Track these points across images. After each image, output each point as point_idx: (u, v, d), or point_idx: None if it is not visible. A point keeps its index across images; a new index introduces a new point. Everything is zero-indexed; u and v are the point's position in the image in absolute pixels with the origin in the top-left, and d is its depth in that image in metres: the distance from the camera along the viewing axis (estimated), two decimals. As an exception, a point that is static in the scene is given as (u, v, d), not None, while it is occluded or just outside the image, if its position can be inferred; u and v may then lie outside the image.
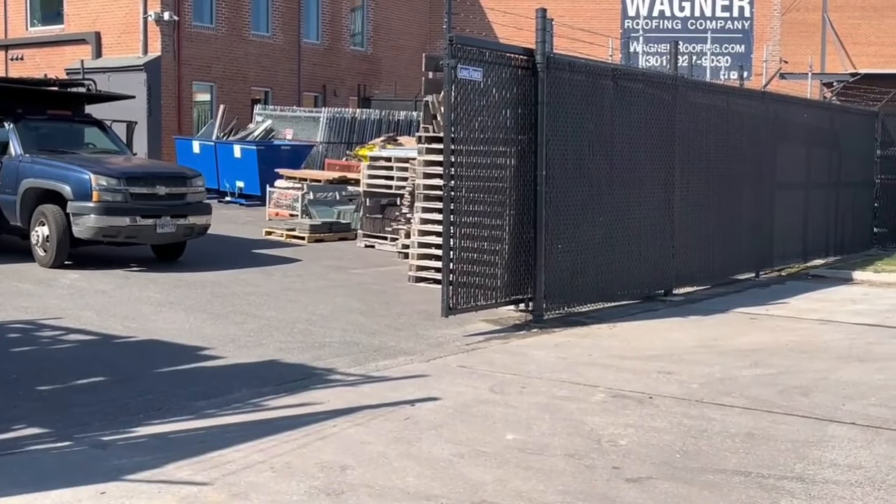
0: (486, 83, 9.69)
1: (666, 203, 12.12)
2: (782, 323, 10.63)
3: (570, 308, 10.72)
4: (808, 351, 9.00)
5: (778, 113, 14.86)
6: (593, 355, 8.58)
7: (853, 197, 17.93)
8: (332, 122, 24.63)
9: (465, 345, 8.89)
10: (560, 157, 10.30)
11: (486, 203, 9.87)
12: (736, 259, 13.97)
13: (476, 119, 9.68)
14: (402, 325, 9.83)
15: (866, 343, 9.49)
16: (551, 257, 10.23)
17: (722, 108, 13.38)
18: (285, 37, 29.73)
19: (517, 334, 9.52)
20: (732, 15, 35.81)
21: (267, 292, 11.60)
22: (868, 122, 18.81)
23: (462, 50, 9.29)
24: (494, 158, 9.95)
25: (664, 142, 12.03)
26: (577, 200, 10.60)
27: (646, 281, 11.96)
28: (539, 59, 9.96)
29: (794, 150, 15.50)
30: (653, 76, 12.27)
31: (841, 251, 17.29)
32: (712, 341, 9.43)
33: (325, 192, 19.11)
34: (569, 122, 10.41)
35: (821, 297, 12.70)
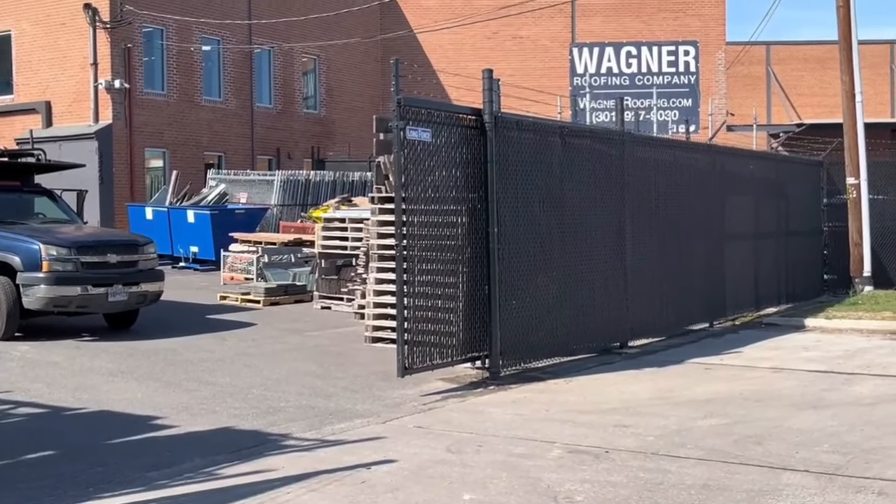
0: (436, 143, 9.79)
1: (618, 256, 12.24)
2: (737, 372, 10.72)
3: (527, 364, 10.73)
4: (762, 399, 9.07)
5: (724, 165, 15.13)
6: (550, 411, 8.58)
7: (803, 245, 18.23)
8: (286, 184, 24.67)
9: (421, 405, 8.86)
10: (511, 214, 10.39)
11: (439, 261, 9.91)
12: (690, 310, 14.10)
13: (427, 178, 9.76)
14: (358, 386, 9.77)
15: (819, 390, 9.59)
16: (506, 314, 10.26)
17: (669, 161, 13.60)
18: (238, 101, 29.85)
19: (474, 392, 9.50)
20: (679, 70, 36.50)
21: (221, 358, 11.49)
22: (813, 171, 19.20)
23: (411, 111, 9.40)
24: (447, 217, 10.01)
25: (614, 196, 12.19)
26: (530, 256, 10.68)
27: (601, 334, 12.02)
28: (487, 118, 10.09)
29: (742, 200, 15.77)
30: (599, 132, 12.47)
31: (793, 299, 17.51)
32: (668, 392, 9.48)
33: (280, 254, 19.07)
34: (518, 180, 10.52)
35: (774, 346, 12.83)
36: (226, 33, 29.01)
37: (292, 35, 30.62)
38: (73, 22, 26.57)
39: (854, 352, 12.21)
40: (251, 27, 29.60)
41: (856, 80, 17.46)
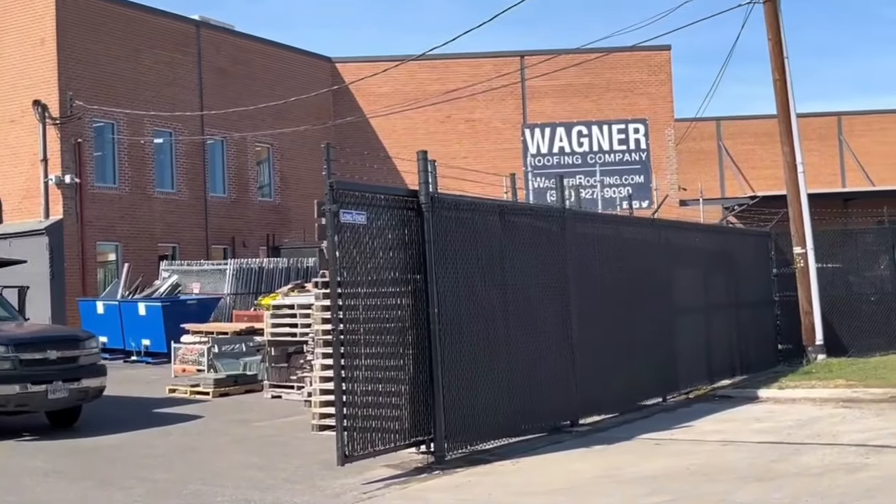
0: (374, 226, 9.75)
1: (564, 333, 12.16)
2: (686, 447, 10.59)
3: (474, 446, 10.54)
4: (709, 474, 8.94)
5: (670, 238, 15.21)
6: (493, 494, 8.38)
7: (755, 315, 18.28)
8: (239, 272, 24.50)
9: (362, 493, 8.63)
10: (452, 295, 10.31)
11: (382, 344, 9.79)
12: (641, 385, 14.00)
13: (366, 261, 9.69)
14: (299, 477, 9.51)
15: (767, 461, 9.47)
16: (450, 396, 10.11)
17: (613, 236, 13.64)
18: (191, 192, 29.78)
19: (418, 478, 9.29)
20: (629, 147, 37.05)
21: (163, 453, 11.19)
22: (762, 241, 19.38)
23: (344, 195, 9.36)
24: (389, 299, 9.93)
25: (557, 273, 12.16)
26: (473, 336, 10.57)
27: (550, 413, 11.87)
28: (423, 199, 10.08)
29: (690, 273, 15.82)
30: (539, 210, 12.52)
31: (748, 370, 17.47)
32: (615, 470, 9.32)
33: (231, 344, 18.80)
34: (458, 260, 10.47)
35: (726, 418, 12.73)
36: (177, 125, 29.07)
37: (244, 125, 30.76)
38: (22, 118, 26.52)
39: (805, 421, 12.14)
40: (203, 118, 29.68)
41: (796, 150, 17.74)
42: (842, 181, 46.76)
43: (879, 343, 19.90)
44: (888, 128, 45.56)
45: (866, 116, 46.71)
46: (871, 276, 21.02)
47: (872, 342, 19.85)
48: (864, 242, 21.33)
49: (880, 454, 9.60)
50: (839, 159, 47.50)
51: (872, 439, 10.48)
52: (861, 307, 20.44)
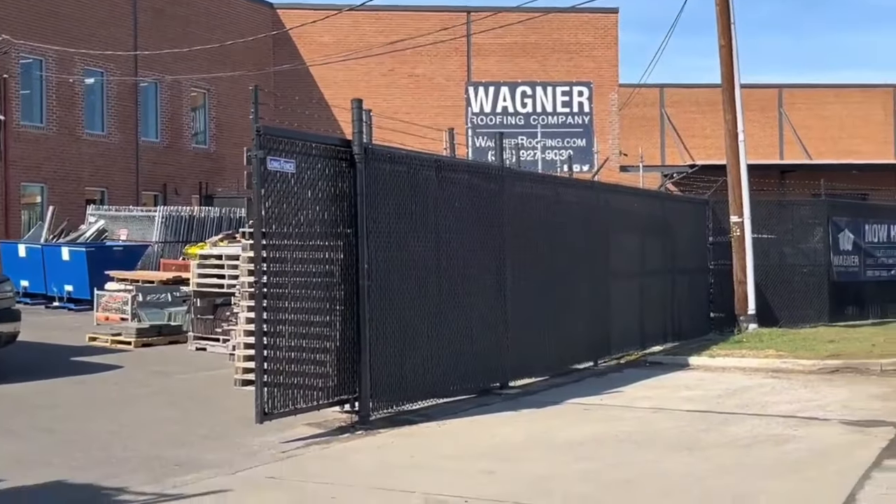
0: (306, 176, 9.34)
1: (498, 294, 11.91)
2: (615, 412, 10.43)
3: (401, 406, 10.26)
4: (638, 441, 8.77)
5: (609, 202, 15.01)
6: (416, 457, 8.12)
7: (689, 283, 18.24)
8: (168, 220, 23.82)
9: (281, 452, 8.30)
10: (383, 250, 9.96)
11: (311, 299, 9.42)
12: (574, 348, 13.85)
13: (297, 212, 9.29)
14: (217, 433, 9.15)
15: (696, 431, 9.34)
16: (377, 354, 9.79)
17: (552, 198, 13.39)
18: (122, 135, 28.88)
19: (340, 438, 8.98)
20: (573, 110, 36.90)
21: (75, 403, 10.73)
22: (699, 209, 19.30)
23: (272, 141, 8.92)
24: (317, 253, 9.54)
25: (494, 232, 11.88)
26: (405, 294, 10.25)
27: (480, 374, 11.64)
28: (356, 149, 9.67)
29: (627, 238, 15.67)
30: (477, 167, 12.19)
31: (680, 337, 17.45)
32: (543, 435, 9.11)
33: (156, 293, 18.25)
34: (392, 214, 10.11)
35: (656, 385, 12.63)
36: (110, 65, 28.10)
37: (180, 68, 29.86)
38: (-55, 50, 25.41)
39: (735, 390, 12.07)
40: (137, 59, 28.73)
41: (738, 119, 17.65)
42: (780, 153, 47.18)
43: (810, 314, 20.07)
44: (828, 102, 45.97)
45: (806, 90, 47.06)
46: (805, 247, 21.15)
47: (803, 313, 20.01)
48: (800, 214, 21.43)
49: (808, 426, 9.53)
50: (778, 131, 47.86)
51: (800, 411, 10.43)
52: (794, 278, 20.58)
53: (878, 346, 15.80)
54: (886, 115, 45.09)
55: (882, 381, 12.76)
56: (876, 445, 8.47)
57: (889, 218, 22.72)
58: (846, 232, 21.20)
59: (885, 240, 22.35)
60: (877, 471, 7.52)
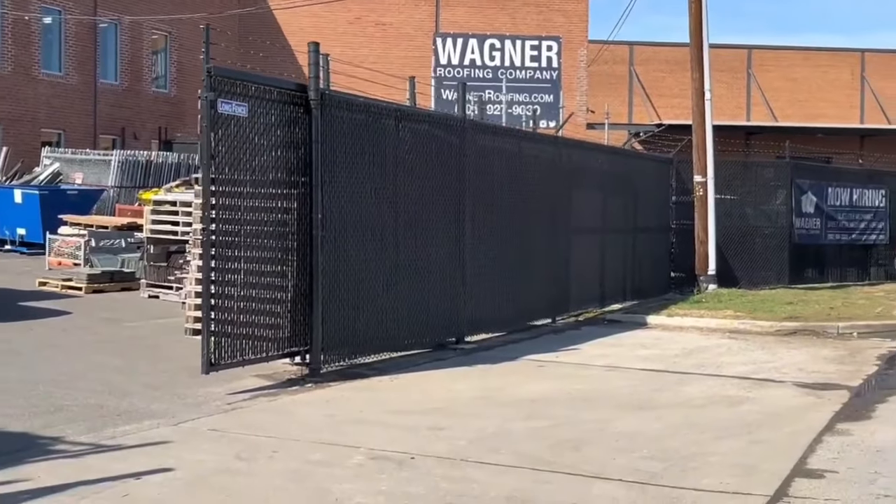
0: (261, 121, 9.04)
1: (456, 248, 11.72)
2: (570, 370, 10.33)
3: (354, 359, 10.09)
4: (591, 399, 8.67)
5: (572, 158, 14.82)
6: (365, 411, 7.95)
7: (651, 242, 18.15)
8: (124, 165, 23.31)
9: (226, 404, 8.09)
10: (338, 200, 9.72)
11: (262, 248, 9.18)
12: (532, 304, 13.72)
13: (250, 159, 9.01)
14: (162, 383, 8.92)
15: (650, 390, 9.26)
16: (331, 306, 9.58)
17: (514, 152, 13.17)
18: (80, 77, 28.16)
19: (289, 390, 8.79)
20: (541, 65, 36.48)
21: (18, 349, 10.44)
22: (663, 168, 19.18)
23: (224, 83, 8.61)
24: (271, 201, 9.28)
25: (453, 185, 11.66)
26: (360, 245, 10.03)
27: (437, 329, 11.48)
28: (312, 95, 9.38)
29: (589, 194, 15.50)
30: (439, 118, 11.92)
31: (640, 295, 17.39)
32: (495, 391, 8.98)
33: (109, 239, 17.88)
34: (348, 163, 9.85)
35: (613, 343, 12.55)
36: (68, 3, 27.32)
37: (140, 9, 29.11)
38: None
39: (692, 350, 12.03)
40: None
41: (706, 77, 17.47)
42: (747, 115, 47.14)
43: (770, 276, 20.09)
44: (797, 65, 45.85)
45: (776, 52, 46.87)
46: (768, 209, 21.11)
47: (763, 275, 20.02)
48: (764, 176, 21.38)
49: (761, 388, 9.48)
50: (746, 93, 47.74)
51: (755, 372, 10.39)
52: (755, 240, 20.55)
53: (837, 309, 15.84)
54: (854, 79, 45.08)
55: (838, 344, 12.77)
56: (828, 409, 8.43)
57: (852, 182, 22.74)
58: (809, 194, 21.19)
59: (848, 203, 22.38)
60: (828, 434, 7.46)
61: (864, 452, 6.89)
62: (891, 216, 23.04)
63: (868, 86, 43.23)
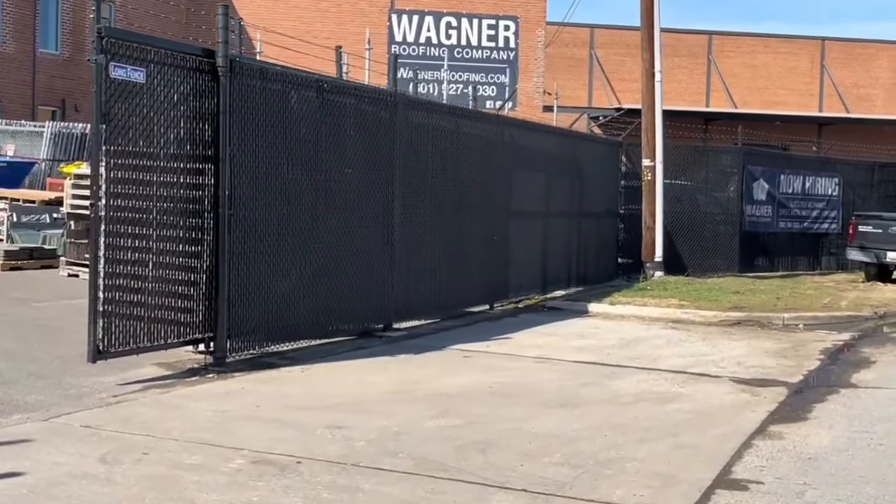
0: (164, 88, 8.33)
1: (384, 230, 11.09)
2: (497, 361, 9.75)
3: (266, 348, 9.44)
4: (512, 395, 8.09)
5: (514, 138, 14.22)
6: (262, 406, 7.31)
7: (597, 227, 17.63)
8: (57, 137, 22.33)
9: (112, 396, 7.42)
10: (250, 177, 9.03)
11: (159, 226, 8.47)
12: (468, 290, 13.14)
13: (151, 129, 8.30)
14: (51, 371, 8.22)
15: (578, 384, 8.70)
16: (239, 290, 8.92)
17: (450, 130, 12.53)
18: (17, 45, 27.07)
19: (188, 381, 8.13)
20: (498, 45, 35.86)
21: None
22: (612, 151, 18.65)
23: (119, 45, 7.89)
24: (172, 176, 8.57)
25: (382, 162, 11.02)
26: (274, 225, 9.36)
27: (362, 315, 10.86)
28: (220, 61, 8.67)
29: (532, 177, 14.92)
30: (367, 91, 11.23)
31: (584, 282, 16.88)
32: (411, 385, 8.38)
33: (34, 214, 17.04)
34: (262, 137, 9.16)
35: (549, 332, 12.00)
36: (5, -33, 26.24)
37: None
38: None
39: (629, 341, 11.51)
40: (35, -38, 26.89)
41: (656, 58, 16.93)
42: (706, 101, 46.79)
43: (719, 264, 19.67)
44: (757, 51, 45.56)
45: (737, 38, 46.50)
46: (720, 196, 20.68)
47: (712, 262, 19.60)
48: (716, 161, 20.94)
49: (696, 383, 8.96)
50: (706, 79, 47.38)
51: (692, 366, 9.88)
52: (705, 227, 20.12)
53: (783, 299, 15.43)
54: (813, 67, 44.87)
55: (782, 336, 12.32)
56: (763, 408, 7.92)
57: (805, 169, 22.37)
58: (761, 181, 20.78)
59: (800, 191, 22.02)
60: (760, 438, 6.94)
61: (794, 460, 6.37)
62: (843, 205, 22.72)
63: (827, 74, 43.05)
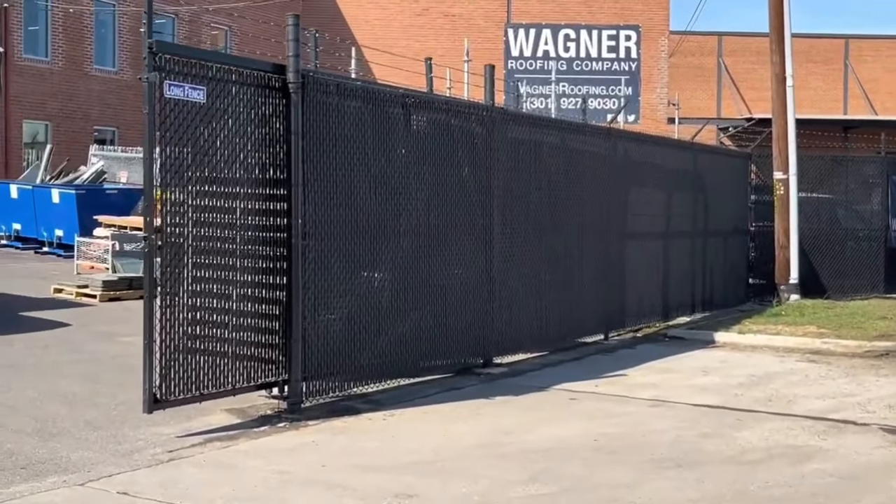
0: (227, 108, 7.61)
1: (483, 257, 10.14)
2: (606, 405, 8.65)
3: (350, 390, 8.61)
4: (618, 451, 6.99)
5: (628, 152, 13.08)
6: (328, 466, 6.43)
7: (724, 247, 16.25)
8: (168, 163, 22.20)
9: (166, 452, 6.67)
10: (326, 204, 8.23)
11: (227, 257, 7.76)
12: (579, 320, 12.06)
13: (214, 153, 7.59)
14: (109, 420, 7.55)
15: (697, 435, 7.54)
16: (316, 328, 8.12)
17: (555, 145, 11.51)
18: (134, 72, 27.18)
19: (254, 432, 7.33)
20: (619, 56, 34.57)
21: (-25, 372, 9.22)
22: (740, 163, 17.24)
23: (174, 62, 7.20)
24: (237, 203, 7.84)
25: (479, 184, 10.09)
26: (354, 257, 8.54)
27: (458, 350, 9.92)
28: (291, 77, 7.90)
29: (650, 194, 13.74)
30: (460, 106, 10.31)
31: (711, 306, 15.55)
32: (503, 436, 7.38)
33: (136, 242, 16.72)
34: (339, 159, 8.36)
35: (668, 367, 10.80)
36: (122, -3, 26.53)
37: (201, 1, 28.16)
38: (-57, -22, 23.98)
39: (760, 378, 10.21)
40: (151, -9, 27.06)
41: (787, 60, 15.51)
42: (844, 108, 44.27)
43: (862, 285, 17.97)
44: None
45: (876, 41, 43.89)
46: (862, 209, 18.96)
47: (854, 283, 17.92)
48: (858, 172, 19.19)
49: (839, 434, 7.67)
50: (843, 85, 44.85)
51: (833, 410, 8.56)
52: (847, 244, 18.44)
53: (939, 325, 13.76)
54: (962, 68, 41.95)
55: (939, 372, 10.79)
56: (923, 469, 6.61)
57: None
58: (909, 193, 18.94)
59: (954, 203, 20.00)
60: (921, 512, 5.68)
61: (968, 546, 5.10)
62: None
63: (979, 75, 40.04)
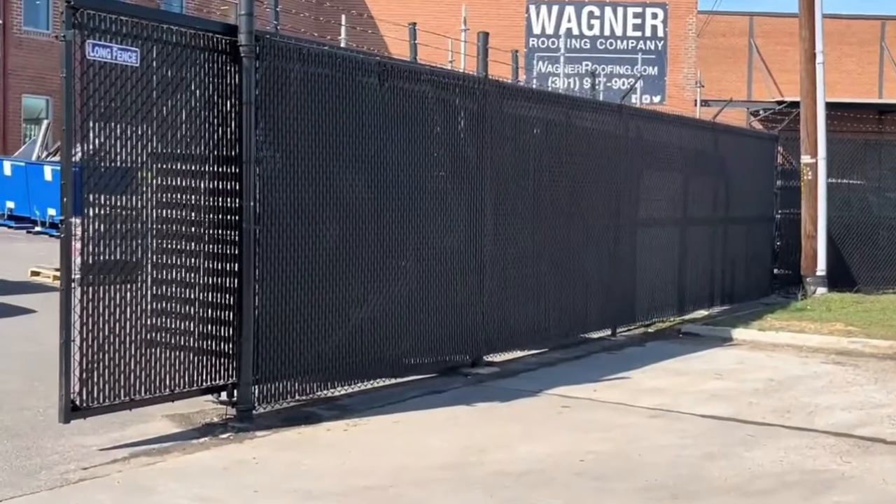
0: (167, 73, 6.66)
1: (472, 246, 9.16)
2: (601, 415, 7.66)
3: (317, 392, 7.70)
4: (605, 476, 6.01)
5: (642, 132, 12.03)
6: (263, 491, 5.49)
7: (747, 235, 15.16)
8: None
9: (80, 469, 5.76)
10: (286, 184, 7.28)
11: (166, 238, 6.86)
12: (583, 314, 11.06)
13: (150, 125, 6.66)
14: (31, 427, 6.66)
15: (701, 456, 6.53)
16: (273, 325, 7.18)
17: (560, 123, 10.49)
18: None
19: (191, 444, 6.41)
20: (645, 35, 33.36)
21: None
22: (766, 146, 16.10)
23: (101, 19, 6.22)
24: (179, 181, 6.91)
25: (468, 164, 9.10)
26: (322, 243, 7.59)
27: (442, 348, 8.97)
28: (243, 39, 6.92)
29: (665, 178, 12.70)
30: (446, 76, 9.28)
31: (731, 299, 14.50)
32: (476, 454, 6.40)
33: (124, 223, 15.90)
34: (302, 134, 7.39)
35: (679, 368, 9.79)
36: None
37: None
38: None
39: (780, 382, 9.18)
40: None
41: (817, 36, 14.38)
42: (879, 92, 42.77)
43: (895, 277, 16.82)
44: (937, 35, 41.24)
45: (914, 21, 42.33)
46: (895, 197, 17.79)
47: (887, 275, 16.80)
48: (892, 157, 18.00)
49: (866, 455, 6.64)
50: (878, 68, 43.31)
51: (860, 424, 7.54)
52: (879, 233, 17.29)
53: (979, 324, 12.63)
54: None
55: (980, 378, 9.70)
56: (965, 506, 5.58)
57: None
58: (947, 179, 17.73)
59: None
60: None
61: None
62: None
63: None
